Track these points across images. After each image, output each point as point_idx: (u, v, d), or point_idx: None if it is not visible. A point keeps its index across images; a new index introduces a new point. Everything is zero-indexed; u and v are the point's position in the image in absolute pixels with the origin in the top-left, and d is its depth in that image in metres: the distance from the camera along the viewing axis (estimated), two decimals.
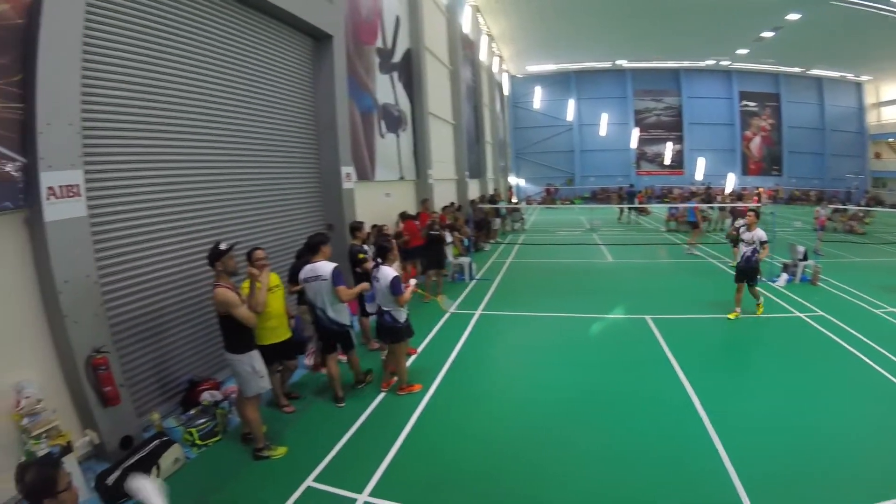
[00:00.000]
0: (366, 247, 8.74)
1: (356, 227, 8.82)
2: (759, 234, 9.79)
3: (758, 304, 10.15)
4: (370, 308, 7.85)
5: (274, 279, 6.14)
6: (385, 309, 6.79)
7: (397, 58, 16.85)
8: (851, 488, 4.65)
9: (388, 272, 6.70)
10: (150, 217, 6.54)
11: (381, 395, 6.90)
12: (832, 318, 9.71)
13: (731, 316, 9.96)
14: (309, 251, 6.81)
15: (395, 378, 7.13)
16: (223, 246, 5.20)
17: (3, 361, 4.66)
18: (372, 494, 4.79)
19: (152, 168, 6.63)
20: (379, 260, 6.88)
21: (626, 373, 7.53)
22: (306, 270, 6.58)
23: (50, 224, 4.88)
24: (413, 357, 8.24)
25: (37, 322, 5.01)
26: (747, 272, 9.93)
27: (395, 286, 6.60)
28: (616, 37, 37.48)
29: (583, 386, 7.10)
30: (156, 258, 6.55)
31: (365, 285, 7.15)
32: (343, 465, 5.32)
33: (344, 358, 7.16)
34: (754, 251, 9.77)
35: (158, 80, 6.75)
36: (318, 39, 10.94)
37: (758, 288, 10.22)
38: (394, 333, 6.84)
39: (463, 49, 26.54)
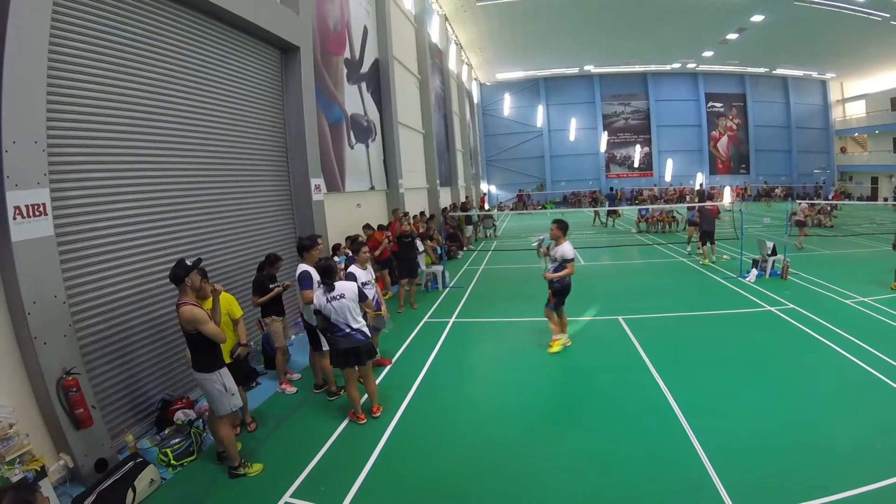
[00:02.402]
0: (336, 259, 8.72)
1: (304, 248, 7.41)
2: (565, 249, 8.35)
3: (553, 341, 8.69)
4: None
5: (225, 297, 5.99)
6: (355, 327, 6.32)
7: (366, 68, 16.91)
8: (831, 477, 4.74)
9: (348, 284, 6.41)
10: (118, 234, 6.46)
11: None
12: (803, 311, 9.98)
13: (551, 349, 8.63)
14: (300, 251, 7.33)
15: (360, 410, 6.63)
16: (189, 262, 5.13)
17: None
18: None
19: (119, 184, 6.56)
20: (326, 280, 6.33)
21: (600, 374, 7.66)
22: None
23: (17, 244, 4.81)
24: (387, 368, 8.26)
25: (6, 344, 4.92)
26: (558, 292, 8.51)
27: (362, 294, 6.49)
28: (583, 43, 38.14)
29: (558, 389, 7.23)
30: (124, 276, 6.47)
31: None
32: (319, 480, 5.30)
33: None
34: (557, 270, 8.44)
35: (124, 95, 6.70)
36: (286, 51, 10.95)
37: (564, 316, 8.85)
38: (370, 349, 6.51)
39: (432, 58, 26.72)
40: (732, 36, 35.14)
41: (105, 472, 5.12)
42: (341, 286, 6.34)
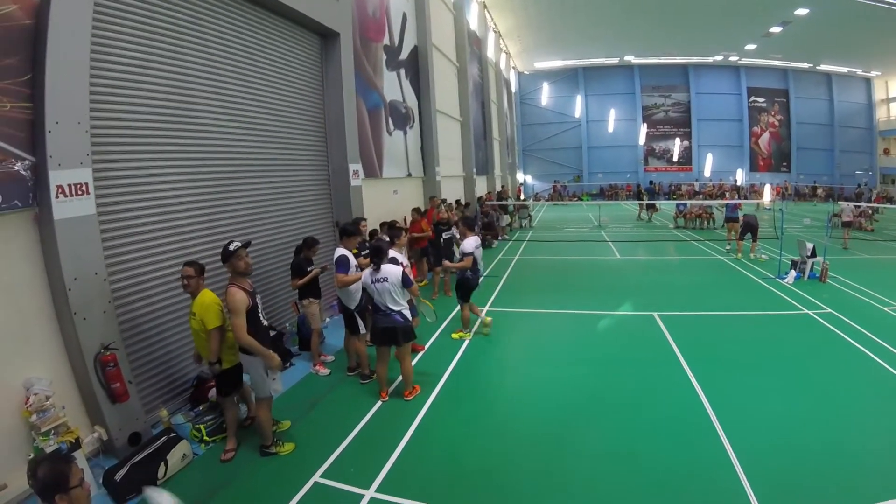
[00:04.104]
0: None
1: (349, 233, 7.51)
2: (465, 244, 8.86)
3: (460, 329, 9.21)
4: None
5: (197, 303, 5.35)
6: (395, 309, 6.44)
7: (404, 55, 16.85)
8: (862, 485, 4.60)
9: (393, 267, 6.47)
10: (159, 215, 6.59)
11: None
12: (841, 316, 9.62)
13: (455, 335, 9.09)
14: (341, 235, 7.44)
15: (385, 388, 6.85)
16: (231, 246, 5.18)
17: (13, 358, 4.72)
18: (378, 490, 4.80)
19: (161, 166, 6.67)
20: (376, 260, 6.46)
21: (633, 370, 7.50)
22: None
23: (59, 222, 4.93)
24: (420, 354, 8.26)
25: (46, 319, 5.06)
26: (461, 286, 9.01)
27: (407, 279, 6.48)
28: (624, 32, 37.32)
29: (590, 384, 7.06)
30: (164, 256, 6.59)
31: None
32: (350, 462, 5.33)
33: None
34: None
35: (167, 79, 6.79)
36: (326, 37, 10.96)
37: (469, 309, 9.15)
38: (409, 331, 6.57)
39: (470, 46, 26.50)
40: (776, 29, 34.02)
41: (138, 446, 5.23)
42: (386, 269, 6.43)
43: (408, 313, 6.58)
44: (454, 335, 9.11)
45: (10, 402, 4.62)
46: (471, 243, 8.87)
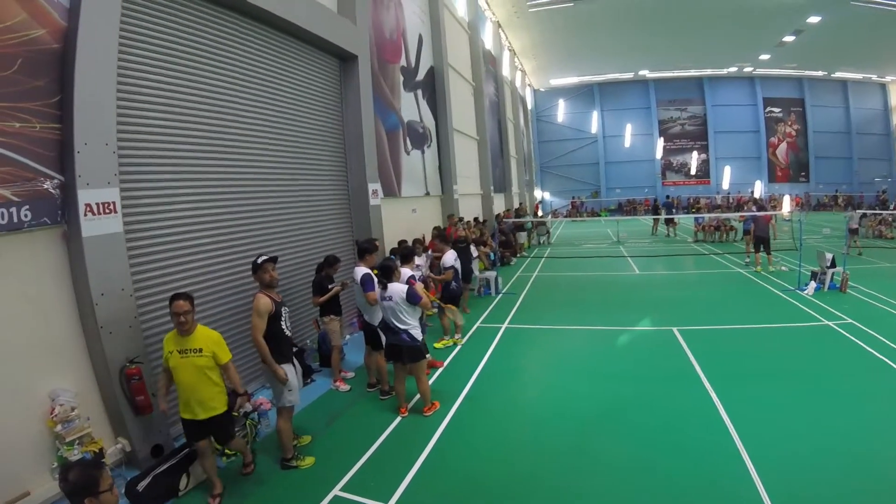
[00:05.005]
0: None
1: (367, 250, 7.59)
2: (445, 258, 10.10)
3: (443, 338, 9.63)
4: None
5: (200, 338, 4.81)
6: (401, 328, 6.55)
7: (421, 75, 17.10)
8: (885, 502, 4.47)
9: (398, 286, 6.59)
10: (184, 233, 6.76)
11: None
12: (862, 326, 9.40)
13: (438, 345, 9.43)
14: (360, 254, 7.54)
15: (404, 403, 6.91)
16: (259, 259, 5.48)
17: (40, 369, 4.85)
18: None
19: (186, 186, 6.86)
20: (383, 280, 6.68)
21: (653, 386, 7.39)
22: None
23: (87, 239, 5.08)
24: (440, 370, 8.28)
25: (73, 333, 5.20)
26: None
27: (412, 296, 6.51)
28: (637, 47, 37.40)
29: (609, 400, 6.97)
30: (187, 272, 6.75)
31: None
32: (369, 476, 5.34)
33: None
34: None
35: (191, 102, 7.02)
36: (344, 60, 11.22)
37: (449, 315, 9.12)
38: (414, 352, 6.62)
39: (485, 65, 26.78)
40: (789, 38, 33.86)
41: (161, 458, 5.30)
42: (392, 288, 6.58)
43: (415, 332, 6.60)
44: (437, 345, 9.36)
45: (36, 412, 4.73)
46: (450, 258, 9.96)
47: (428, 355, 7.07)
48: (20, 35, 4.70)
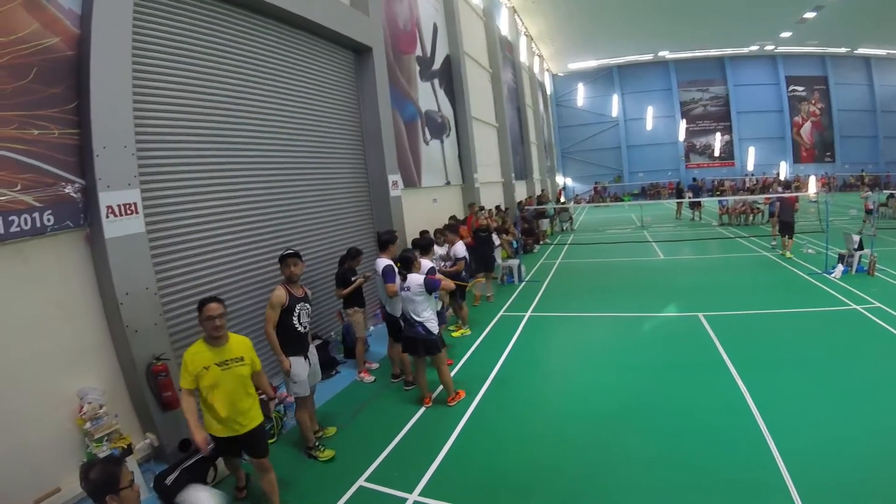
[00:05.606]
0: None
1: (389, 241, 7.74)
2: (457, 248, 9.79)
3: (457, 326, 9.78)
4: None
5: (237, 346, 4.49)
6: (418, 320, 6.58)
7: (437, 65, 17.01)
8: None
9: (417, 277, 6.58)
10: (205, 230, 6.84)
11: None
12: (890, 310, 9.11)
13: (455, 333, 9.56)
14: (380, 246, 7.65)
15: (427, 393, 6.94)
16: (283, 252, 5.65)
17: (68, 369, 4.95)
18: (422, 494, 4.82)
19: (206, 183, 6.94)
20: (403, 270, 6.76)
21: (678, 373, 7.26)
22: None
23: (110, 241, 5.16)
24: (455, 369, 8.21)
25: (100, 332, 5.30)
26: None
27: (430, 285, 6.51)
28: (656, 27, 36.49)
29: (634, 389, 6.86)
30: (210, 269, 6.83)
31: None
32: (394, 466, 5.38)
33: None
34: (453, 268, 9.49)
35: (208, 100, 7.09)
36: (359, 52, 11.19)
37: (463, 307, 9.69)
38: (430, 345, 6.63)
39: (502, 51, 26.52)
40: (810, 14, 32.59)
41: (188, 452, 5.38)
42: (410, 279, 6.59)
43: (431, 325, 6.59)
44: (454, 334, 9.48)
45: (65, 410, 4.84)
46: (462, 248, 9.80)
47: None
48: (33, 45, 4.77)
